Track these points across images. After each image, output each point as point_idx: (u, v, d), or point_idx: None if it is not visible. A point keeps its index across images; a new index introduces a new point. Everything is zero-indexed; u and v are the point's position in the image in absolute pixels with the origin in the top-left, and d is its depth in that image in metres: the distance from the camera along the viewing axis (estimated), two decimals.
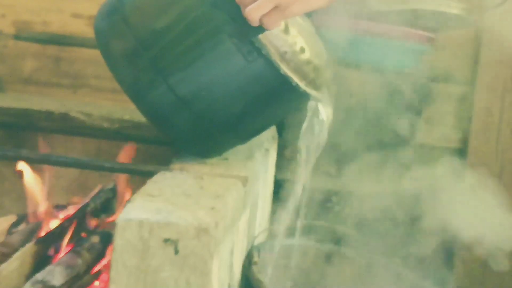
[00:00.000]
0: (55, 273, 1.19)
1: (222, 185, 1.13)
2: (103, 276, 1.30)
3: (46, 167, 1.54)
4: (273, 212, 1.70)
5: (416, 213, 1.61)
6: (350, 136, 1.71)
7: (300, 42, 1.17)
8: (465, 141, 1.86)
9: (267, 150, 1.51)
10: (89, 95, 1.87)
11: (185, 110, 1.13)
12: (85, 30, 1.86)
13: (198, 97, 1.12)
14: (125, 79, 1.15)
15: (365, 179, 1.71)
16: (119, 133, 1.58)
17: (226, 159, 1.28)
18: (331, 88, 1.24)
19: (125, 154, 1.57)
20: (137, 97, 1.15)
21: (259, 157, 1.38)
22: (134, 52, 1.13)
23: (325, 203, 1.80)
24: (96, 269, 1.32)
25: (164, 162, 1.28)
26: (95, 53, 1.89)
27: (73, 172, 1.63)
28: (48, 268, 1.21)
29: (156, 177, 1.15)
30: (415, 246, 1.62)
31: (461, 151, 1.87)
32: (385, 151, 1.73)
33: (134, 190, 1.10)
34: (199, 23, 1.11)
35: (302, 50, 1.17)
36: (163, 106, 1.14)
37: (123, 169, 1.41)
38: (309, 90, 1.17)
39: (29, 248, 1.27)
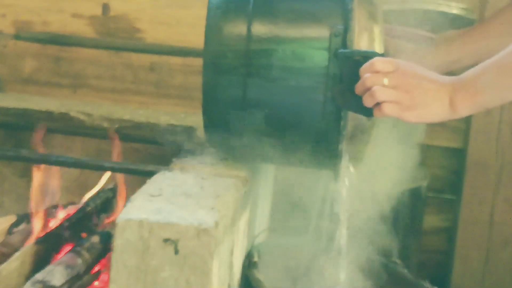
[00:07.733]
0: (55, 273, 1.19)
1: (222, 185, 1.13)
2: (103, 276, 1.30)
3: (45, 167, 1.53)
4: (274, 212, 1.70)
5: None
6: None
7: (371, 139, 1.19)
8: (465, 141, 1.86)
9: None
10: (89, 95, 1.87)
11: (239, 109, 1.13)
12: (85, 30, 1.86)
13: (258, 109, 1.13)
14: (214, 49, 1.14)
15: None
16: (119, 133, 1.57)
17: (226, 159, 1.28)
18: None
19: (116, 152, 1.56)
20: (211, 68, 1.14)
21: None
22: (240, 37, 1.13)
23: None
24: (96, 269, 1.32)
25: (164, 162, 1.28)
26: (95, 53, 1.91)
27: (73, 172, 1.62)
28: (48, 268, 1.21)
29: (156, 177, 1.15)
30: None
31: (461, 151, 1.87)
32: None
33: (134, 190, 1.10)
34: (311, 57, 1.11)
35: (367, 142, 1.19)
36: (226, 91, 1.13)
37: (123, 169, 1.41)
38: (342, 172, 1.18)
39: (29, 248, 1.27)
